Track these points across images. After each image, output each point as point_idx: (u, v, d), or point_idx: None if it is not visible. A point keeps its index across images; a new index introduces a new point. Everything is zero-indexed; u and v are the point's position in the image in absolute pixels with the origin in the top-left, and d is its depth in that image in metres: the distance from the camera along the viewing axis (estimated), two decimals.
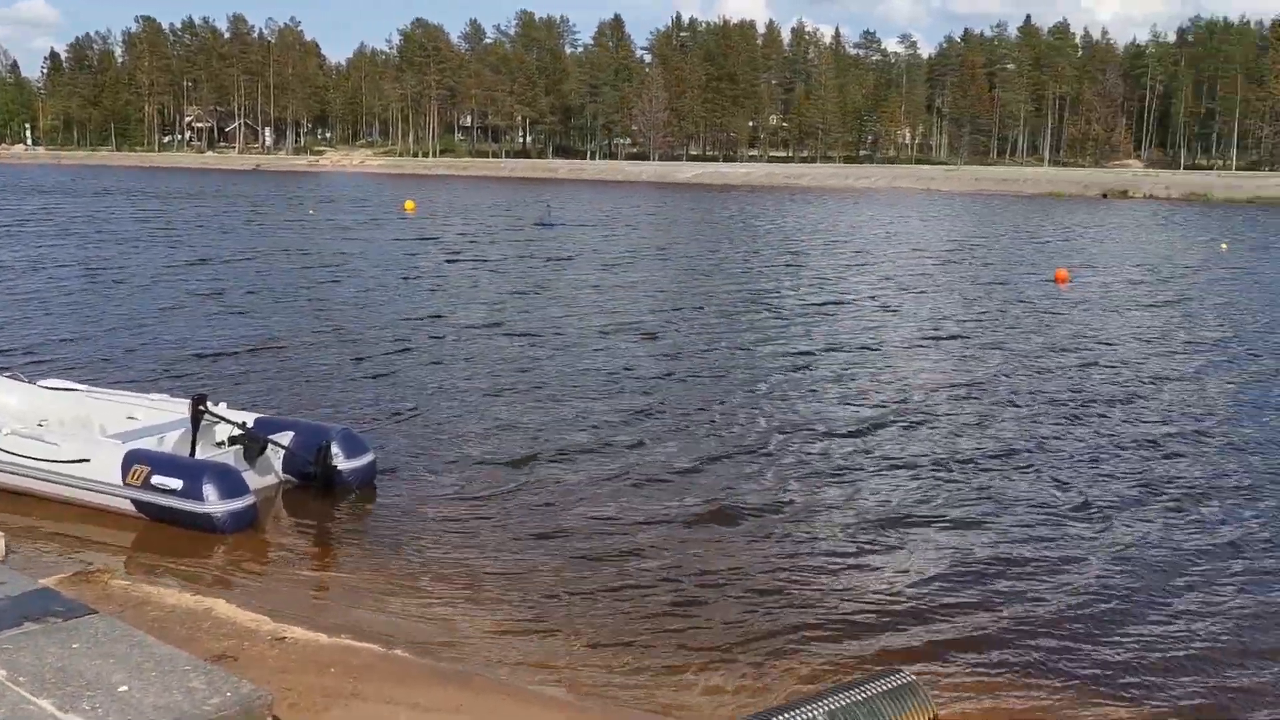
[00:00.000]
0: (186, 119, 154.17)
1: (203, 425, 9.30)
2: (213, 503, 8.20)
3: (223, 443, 9.43)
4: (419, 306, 20.37)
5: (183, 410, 9.51)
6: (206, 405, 9.31)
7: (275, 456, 9.42)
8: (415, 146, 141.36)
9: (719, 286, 24.41)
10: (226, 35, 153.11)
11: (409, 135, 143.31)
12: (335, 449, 9.21)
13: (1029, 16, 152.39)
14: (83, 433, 9.67)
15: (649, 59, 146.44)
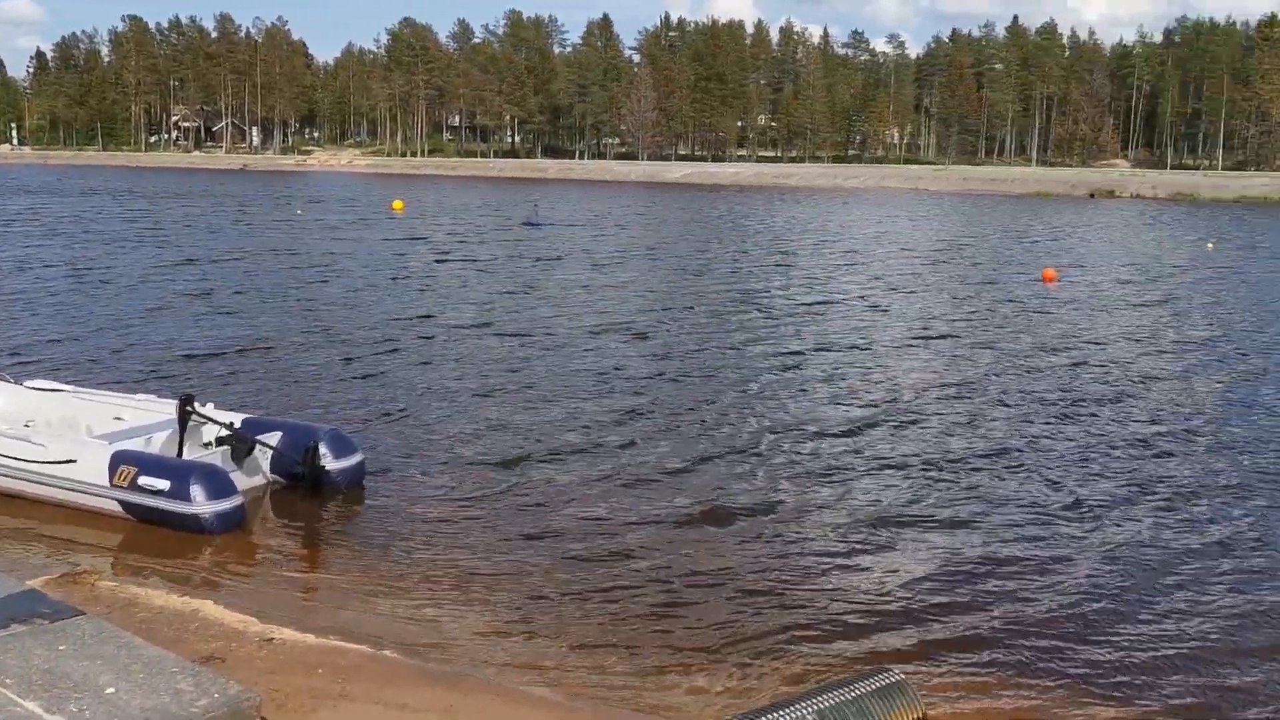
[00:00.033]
0: (173, 119, 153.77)
1: (190, 426, 9.26)
2: (200, 503, 8.16)
3: (210, 443, 9.40)
4: (408, 306, 20.33)
5: (170, 411, 9.46)
6: (194, 406, 9.28)
7: (263, 457, 9.38)
8: (403, 146, 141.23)
9: (709, 286, 24.42)
10: (213, 34, 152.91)
11: (397, 135, 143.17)
12: (323, 449, 9.18)
13: (1016, 17, 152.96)
14: (69, 433, 9.61)
15: (637, 59, 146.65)
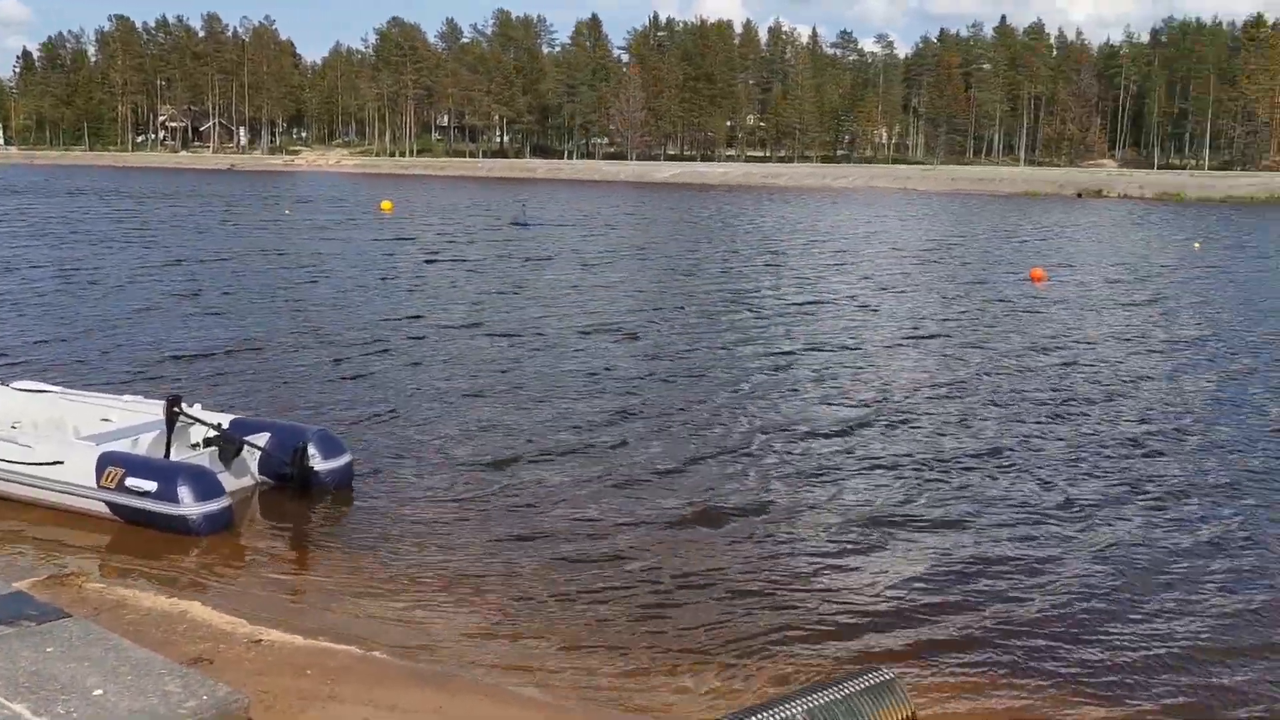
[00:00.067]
0: (160, 118, 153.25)
1: (178, 427, 9.23)
2: (188, 505, 8.13)
3: (198, 444, 9.36)
4: (397, 307, 20.28)
5: (157, 412, 9.42)
6: (181, 406, 9.24)
7: (251, 458, 9.35)
8: (392, 146, 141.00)
9: (699, 286, 24.43)
10: (201, 34, 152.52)
11: (385, 135, 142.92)
12: (312, 450, 9.14)
13: (1004, 17, 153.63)
14: (56, 435, 9.56)
15: (626, 58, 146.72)
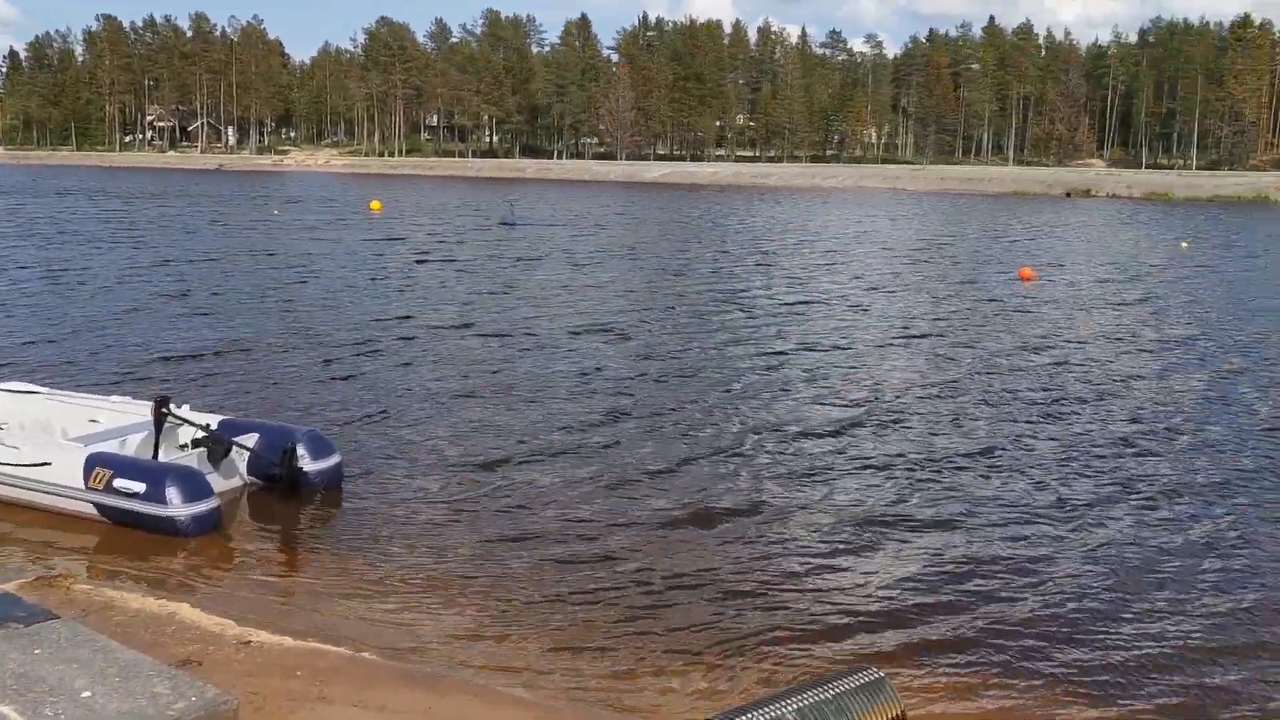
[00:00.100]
0: (148, 118, 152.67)
1: (166, 428, 9.19)
2: (176, 506, 8.10)
3: (186, 445, 9.33)
4: (387, 307, 20.24)
5: (145, 413, 9.38)
6: (169, 407, 9.20)
7: (240, 459, 9.32)
8: (381, 146, 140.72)
9: (690, 286, 24.43)
10: (188, 34, 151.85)
11: (374, 135, 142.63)
12: (301, 450, 9.11)
13: (993, 17, 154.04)
14: (44, 436, 9.52)
15: (616, 58, 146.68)
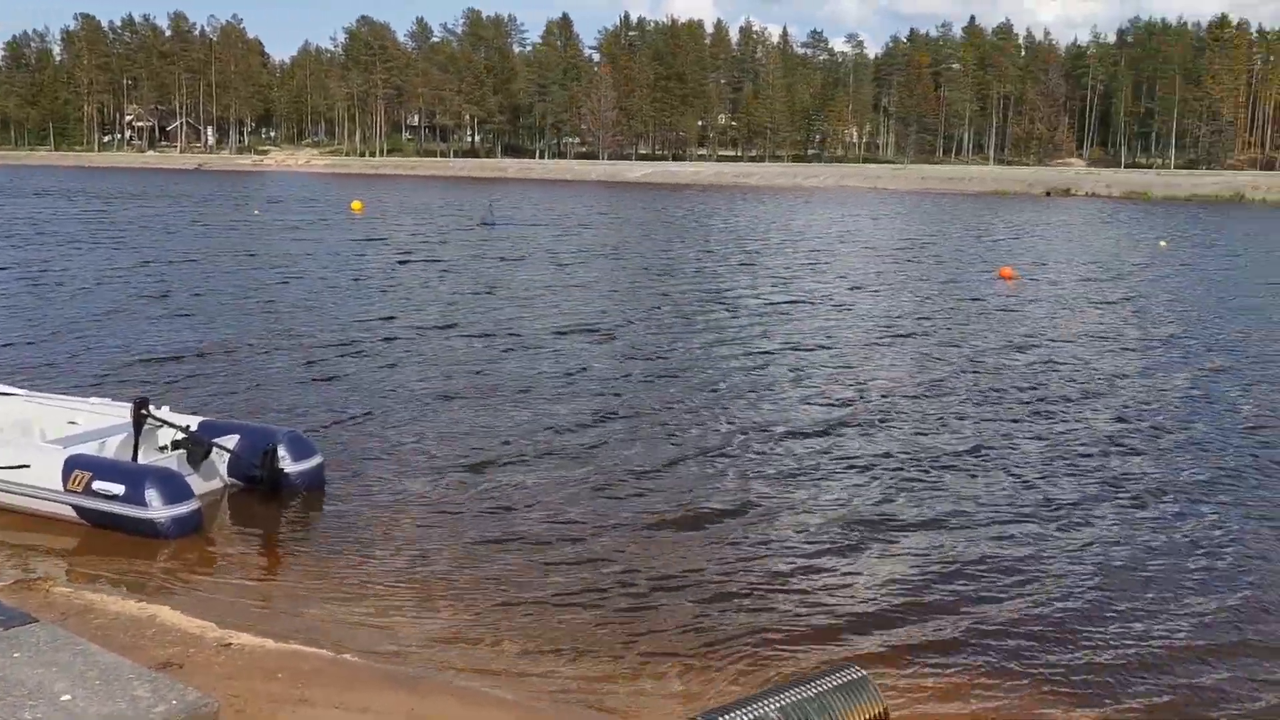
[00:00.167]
0: (127, 118, 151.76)
1: (145, 429, 9.13)
2: (156, 508, 8.05)
3: (166, 447, 9.27)
4: (370, 308, 20.17)
5: (125, 414, 9.32)
6: (149, 409, 9.14)
7: (220, 460, 9.28)
8: (362, 146, 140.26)
9: (674, 286, 24.44)
10: (167, 33, 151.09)
11: (355, 135, 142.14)
12: (282, 452, 9.07)
13: (973, 17, 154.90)
14: (22, 438, 9.44)
15: (597, 58, 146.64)
